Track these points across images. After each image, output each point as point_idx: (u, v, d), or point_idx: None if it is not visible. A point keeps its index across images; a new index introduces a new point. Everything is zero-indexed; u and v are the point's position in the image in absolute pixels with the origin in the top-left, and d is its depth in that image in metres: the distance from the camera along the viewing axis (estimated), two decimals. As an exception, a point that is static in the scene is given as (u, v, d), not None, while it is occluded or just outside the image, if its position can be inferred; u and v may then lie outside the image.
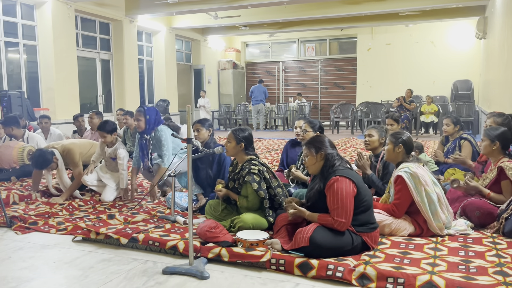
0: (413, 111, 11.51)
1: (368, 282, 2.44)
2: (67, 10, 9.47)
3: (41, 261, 2.94)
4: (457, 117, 5.27)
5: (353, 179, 2.76)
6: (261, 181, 3.23)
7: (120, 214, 3.86)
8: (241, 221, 3.17)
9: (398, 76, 14.40)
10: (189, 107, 2.68)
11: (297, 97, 14.92)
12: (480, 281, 2.33)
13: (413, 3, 10.89)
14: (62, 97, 9.43)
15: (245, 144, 3.38)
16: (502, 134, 3.49)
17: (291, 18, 12.42)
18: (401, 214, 3.18)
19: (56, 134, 7.08)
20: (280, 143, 9.64)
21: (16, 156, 5.46)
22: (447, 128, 5.07)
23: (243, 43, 17.19)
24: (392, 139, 3.34)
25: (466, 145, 4.87)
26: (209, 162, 4.00)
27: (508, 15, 7.23)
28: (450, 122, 5.06)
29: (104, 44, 11.29)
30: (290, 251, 2.74)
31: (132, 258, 2.94)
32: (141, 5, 11.09)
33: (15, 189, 4.72)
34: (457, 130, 5.04)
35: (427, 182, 3.10)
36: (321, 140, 2.93)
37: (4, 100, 8.09)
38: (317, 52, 16.48)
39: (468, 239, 3.08)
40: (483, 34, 11.08)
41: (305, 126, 4.30)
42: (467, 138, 4.91)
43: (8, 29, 8.79)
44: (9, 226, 3.66)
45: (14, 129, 5.76)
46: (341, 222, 2.68)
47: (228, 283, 2.54)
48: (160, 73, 13.23)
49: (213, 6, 10.58)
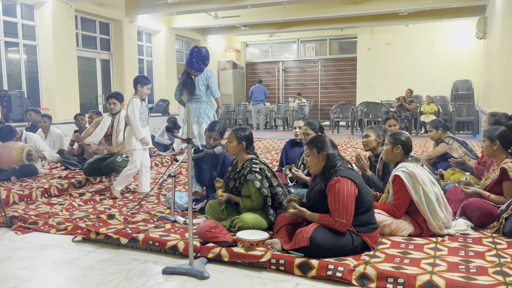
0: (413, 111, 11.51)
1: (368, 282, 2.44)
2: (67, 10, 9.47)
3: (41, 261, 2.94)
4: (436, 120, 5.36)
5: (354, 180, 2.76)
6: (263, 179, 3.23)
7: (120, 214, 3.86)
8: (241, 221, 3.17)
9: (398, 76, 14.40)
10: (189, 107, 2.69)
11: (297, 97, 14.92)
12: (480, 281, 2.33)
13: (413, 3, 10.89)
14: (62, 97, 9.43)
15: (246, 143, 3.38)
16: (501, 133, 3.49)
17: (291, 18, 12.41)
18: (401, 214, 3.18)
19: (56, 133, 7.08)
20: (280, 143, 9.63)
21: (15, 157, 5.47)
22: (431, 134, 5.25)
23: (243, 43, 17.19)
24: (390, 140, 3.34)
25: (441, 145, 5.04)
26: (213, 163, 4.00)
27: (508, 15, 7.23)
28: (431, 127, 5.23)
29: (104, 44, 11.29)
30: (290, 251, 2.74)
31: (132, 258, 2.94)
32: (141, 5, 11.08)
33: (15, 189, 4.72)
34: (441, 133, 5.12)
35: (424, 182, 3.10)
36: (322, 140, 2.93)
37: (4, 100, 8.10)
38: (317, 52, 16.48)
39: (468, 239, 3.08)
40: (483, 34, 11.08)
41: (305, 129, 4.28)
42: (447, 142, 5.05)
43: (8, 29, 8.79)
44: (9, 226, 3.66)
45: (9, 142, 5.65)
46: (342, 222, 2.68)
47: (228, 283, 2.54)
48: (160, 73, 13.23)
49: (213, 6, 10.58)
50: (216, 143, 3.99)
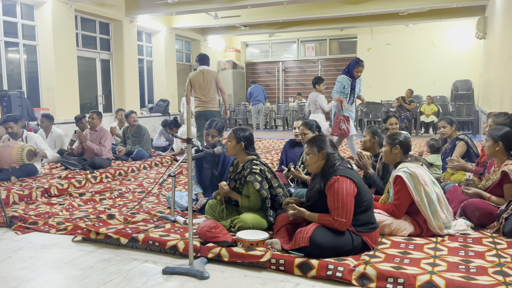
0: (413, 111, 11.51)
1: (368, 282, 2.44)
2: (67, 10, 9.47)
3: (41, 261, 2.94)
4: (451, 117, 5.30)
5: (353, 179, 2.76)
6: (263, 180, 3.23)
7: (120, 214, 3.86)
8: (241, 221, 3.17)
9: (398, 76, 14.40)
10: (189, 107, 2.69)
11: (297, 97, 14.93)
12: (480, 281, 2.33)
13: (413, 3, 10.89)
14: (62, 97, 9.43)
15: (245, 143, 3.38)
16: (506, 134, 3.45)
17: (291, 18, 12.41)
18: (401, 214, 3.18)
19: (57, 133, 7.09)
20: (280, 143, 9.64)
21: (15, 156, 5.46)
22: (444, 130, 5.05)
23: (243, 43, 17.19)
24: (388, 141, 3.34)
25: (460, 145, 4.85)
26: (214, 162, 4.00)
27: (508, 15, 7.23)
28: (446, 123, 5.03)
29: (104, 44, 11.29)
30: (290, 251, 2.74)
31: (132, 258, 2.95)
32: (141, 5, 11.08)
33: (15, 189, 4.72)
34: (454, 129, 5.06)
35: (426, 182, 3.10)
36: (323, 139, 2.95)
37: (4, 100, 8.09)
38: (317, 52, 16.48)
39: (468, 239, 3.08)
40: (483, 34, 11.08)
41: (303, 129, 4.30)
42: (463, 139, 4.90)
43: (8, 29, 8.79)
44: (9, 226, 3.66)
45: (13, 126, 5.74)
46: (341, 222, 2.68)
47: (228, 283, 2.54)
48: (160, 73, 13.23)
49: (213, 6, 10.58)
50: (214, 140, 4.01)
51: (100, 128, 6.58)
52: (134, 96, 11.70)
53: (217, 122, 4.09)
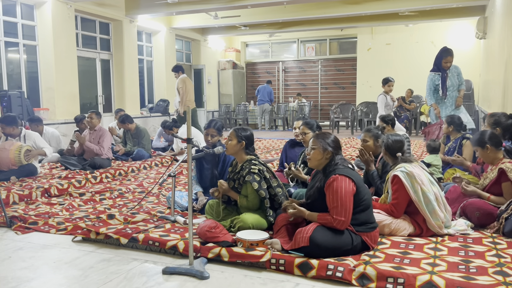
0: (413, 111, 11.51)
1: (368, 282, 2.44)
2: (67, 10, 9.47)
3: (41, 261, 2.94)
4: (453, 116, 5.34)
5: (352, 178, 2.76)
6: (261, 180, 3.24)
7: (120, 214, 3.86)
8: (241, 221, 3.17)
9: (398, 76, 14.30)
10: (189, 107, 2.68)
11: (297, 97, 14.93)
12: (480, 281, 2.33)
13: (413, 3, 10.89)
14: (62, 97, 9.42)
15: (246, 143, 3.38)
16: (487, 136, 3.51)
17: (291, 18, 12.40)
18: (399, 214, 3.18)
19: (49, 133, 7.06)
20: (280, 143, 9.64)
21: (13, 158, 5.45)
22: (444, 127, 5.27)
23: (243, 43, 17.18)
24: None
25: (467, 144, 4.85)
26: (214, 161, 4.00)
27: (508, 15, 7.23)
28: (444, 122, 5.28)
29: (104, 44, 11.29)
30: (290, 251, 2.74)
31: (132, 258, 2.95)
32: (141, 5, 11.08)
33: (15, 189, 4.72)
34: (451, 130, 5.10)
35: (423, 181, 3.11)
36: (332, 138, 2.95)
37: (4, 100, 8.08)
38: (317, 52, 16.48)
39: (468, 239, 3.08)
40: (483, 34, 11.08)
41: (303, 128, 4.31)
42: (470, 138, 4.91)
43: (8, 29, 8.78)
44: (9, 226, 3.66)
45: (14, 128, 5.75)
46: (340, 220, 2.69)
47: (228, 283, 2.54)
48: (160, 73, 13.22)
49: (213, 6, 10.57)
50: (213, 140, 4.01)
51: (99, 128, 6.58)
52: (134, 96, 11.70)
53: (217, 122, 4.09)
